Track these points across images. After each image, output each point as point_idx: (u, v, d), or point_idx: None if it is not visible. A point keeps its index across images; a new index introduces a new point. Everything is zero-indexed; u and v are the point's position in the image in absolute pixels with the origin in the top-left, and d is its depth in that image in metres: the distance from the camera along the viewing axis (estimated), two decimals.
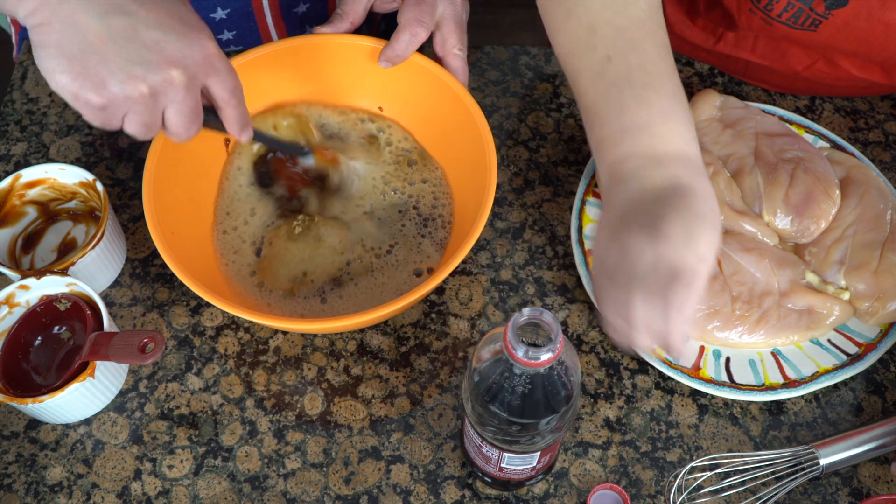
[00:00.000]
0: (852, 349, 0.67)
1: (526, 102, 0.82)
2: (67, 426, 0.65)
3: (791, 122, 0.78)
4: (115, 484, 0.62)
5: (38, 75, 0.82)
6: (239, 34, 0.82)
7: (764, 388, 0.65)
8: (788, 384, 0.65)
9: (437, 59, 0.71)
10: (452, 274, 0.71)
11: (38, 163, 0.74)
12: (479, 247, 0.73)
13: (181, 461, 0.63)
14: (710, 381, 0.65)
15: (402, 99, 0.75)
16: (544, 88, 0.83)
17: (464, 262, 0.72)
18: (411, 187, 0.73)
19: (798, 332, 0.67)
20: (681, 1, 0.83)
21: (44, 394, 0.59)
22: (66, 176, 0.70)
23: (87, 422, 0.65)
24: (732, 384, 0.65)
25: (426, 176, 0.73)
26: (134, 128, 0.54)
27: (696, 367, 0.66)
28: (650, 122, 0.58)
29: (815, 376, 0.65)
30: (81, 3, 0.50)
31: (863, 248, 0.68)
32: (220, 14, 0.79)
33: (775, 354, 0.67)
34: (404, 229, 0.71)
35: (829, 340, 0.67)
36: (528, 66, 0.85)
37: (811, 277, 0.69)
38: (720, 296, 0.66)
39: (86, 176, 0.69)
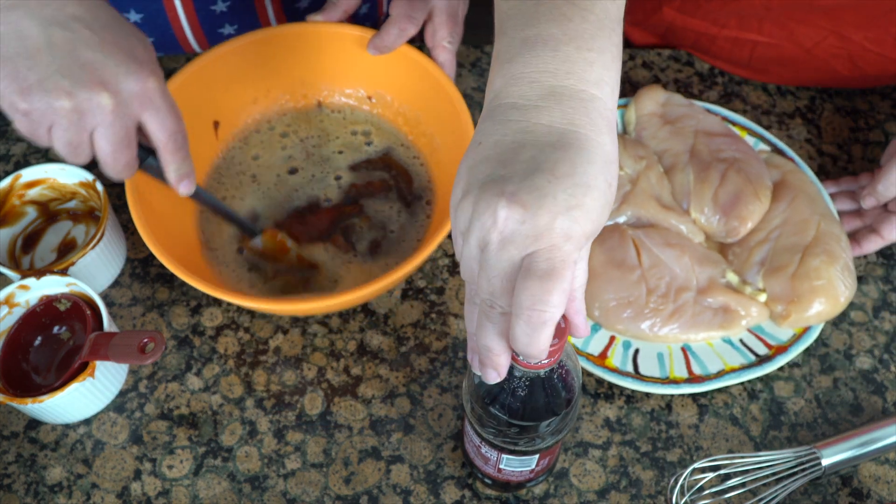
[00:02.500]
0: (762, 350, 0.67)
1: None
2: (67, 426, 0.65)
3: (734, 124, 0.78)
4: (115, 484, 0.62)
5: None
6: (241, 29, 0.83)
7: (667, 381, 0.65)
8: (692, 380, 0.65)
9: (427, 50, 0.72)
10: (453, 274, 0.72)
11: (37, 163, 0.74)
12: None
13: (181, 461, 0.63)
14: (614, 371, 0.65)
15: (391, 89, 0.76)
16: None
17: None
18: (391, 178, 0.74)
19: (711, 330, 0.67)
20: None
21: (44, 394, 0.59)
22: (66, 176, 0.70)
23: (87, 422, 0.65)
24: (636, 375, 0.65)
25: (406, 164, 0.75)
26: (60, 145, 0.54)
27: (604, 356, 0.66)
28: (561, 40, 0.43)
29: (720, 374, 0.65)
30: (29, 11, 0.51)
31: (784, 251, 0.69)
32: (220, 7, 0.79)
33: (685, 350, 0.67)
34: (387, 214, 0.72)
35: (740, 340, 0.68)
36: None
37: (731, 277, 0.69)
38: (635, 287, 0.67)
39: (86, 176, 0.69)
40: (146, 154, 0.58)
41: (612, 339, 0.67)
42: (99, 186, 0.68)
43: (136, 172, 0.58)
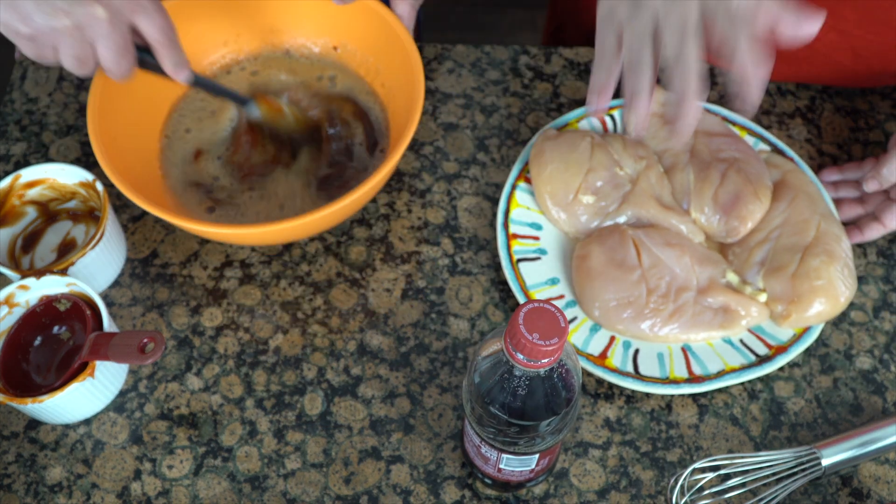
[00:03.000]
0: (762, 350, 0.67)
1: (526, 102, 0.82)
2: (67, 426, 0.65)
3: (734, 124, 0.78)
4: (115, 484, 0.62)
5: (38, 75, 0.82)
6: None
7: (667, 381, 0.65)
8: (692, 380, 0.65)
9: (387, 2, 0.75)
10: (454, 274, 0.72)
11: (37, 163, 0.74)
12: (479, 247, 0.73)
13: (181, 461, 0.63)
14: (614, 371, 0.65)
15: (355, 39, 0.79)
16: (544, 88, 0.83)
17: (463, 262, 0.72)
18: (352, 117, 0.77)
19: (711, 330, 0.67)
20: None
21: (44, 394, 0.59)
22: (66, 176, 0.70)
23: (87, 422, 0.65)
24: (636, 375, 0.65)
25: (367, 108, 0.78)
26: (68, 61, 0.59)
27: (604, 356, 0.66)
28: None
29: (720, 374, 0.65)
30: None
31: (784, 251, 0.68)
32: None
33: (685, 350, 0.67)
34: (344, 151, 0.75)
35: (740, 340, 0.68)
36: (528, 66, 0.85)
37: (731, 277, 0.69)
38: (635, 287, 0.67)
39: (86, 176, 0.69)
40: (141, 53, 0.63)
41: (612, 339, 0.67)
42: (99, 186, 0.68)
43: (135, 71, 0.64)
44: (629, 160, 0.73)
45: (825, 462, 0.61)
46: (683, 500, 0.61)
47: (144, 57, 0.63)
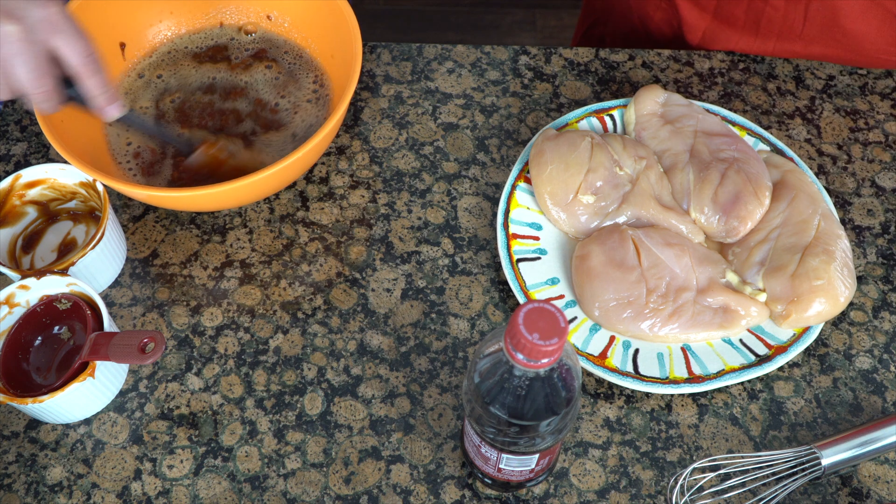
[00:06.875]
0: (762, 350, 0.67)
1: (526, 102, 0.82)
2: (67, 426, 0.65)
3: (734, 124, 0.78)
4: (115, 484, 0.62)
5: None
6: None
7: (667, 381, 0.65)
8: (692, 380, 0.65)
9: None
10: (453, 274, 0.72)
11: (38, 163, 0.74)
12: (479, 247, 0.73)
13: (181, 461, 0.63)
14: (614, 371, 0.65)
15: (287, 10, 0.81)
16: (544, 88, 0.83)
17: (463, 262, 0.72)
18: (298, 92, 0.79)
19: (711, 330, 0.67)
20: None
21: (44, 394, 0.59)
22: (66, 176, 0.70)
23: (87, 422, 0.65)
24: (636, 375, 0.65)
25: (308, 79, 0.80)
26: None
27: (604, 356, 0.66)
28: None
29: (720, 374, 0.65)
30: None
31: (784, 251, 0.69)
32: None
33: (685, 350, 0.67)
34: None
35: (740, 340, 0.68)
36: (528, 66, 0.85)
37: (731, 277, 0.69)
38: (635, 287, 0.67)
39: (86, 176, 0.69)
40: (68, 87, 0.60)
41: (612, 339, 0.67)
42: (99, 186, 0.68)
43: (61, 106, 0.60)
44: (629, 160, 0.73)
45: (825, 462, 0.61)
46: (683, 500, 0.61)
47: (69, 90, 0.60)
